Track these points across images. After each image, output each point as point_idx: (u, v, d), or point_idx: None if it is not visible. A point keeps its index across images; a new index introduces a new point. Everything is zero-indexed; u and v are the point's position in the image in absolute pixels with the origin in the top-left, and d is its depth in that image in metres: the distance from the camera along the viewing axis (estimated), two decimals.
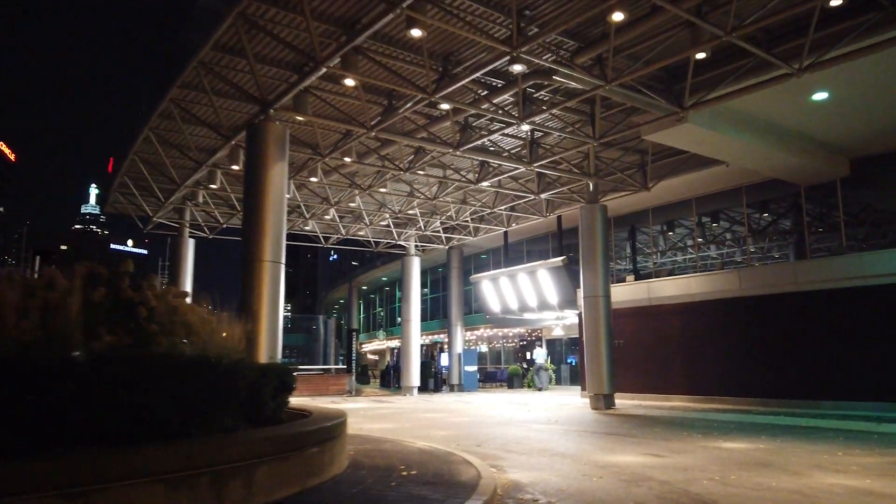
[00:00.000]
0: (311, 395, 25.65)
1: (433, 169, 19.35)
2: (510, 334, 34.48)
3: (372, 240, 27.56)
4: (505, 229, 25.20)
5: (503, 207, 22.62)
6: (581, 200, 19.75)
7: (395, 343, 43.47)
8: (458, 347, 29.79)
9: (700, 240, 21.92)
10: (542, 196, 20.28)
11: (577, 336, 28.44)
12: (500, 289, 26.25)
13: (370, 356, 57.68)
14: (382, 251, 29.14)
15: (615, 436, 11.89)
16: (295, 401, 8.54)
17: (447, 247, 28.29)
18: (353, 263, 47.31)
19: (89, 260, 6.58)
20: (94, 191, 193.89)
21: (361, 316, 52.44)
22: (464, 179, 18.93)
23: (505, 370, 33.83)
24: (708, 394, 19.06)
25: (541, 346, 31.49)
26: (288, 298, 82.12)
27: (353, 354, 43.98)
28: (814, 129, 15.86)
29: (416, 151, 17.60)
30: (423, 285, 39.61)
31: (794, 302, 17.30)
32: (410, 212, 23.40)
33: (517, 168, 17.78)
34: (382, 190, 20.03)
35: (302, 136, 16.47)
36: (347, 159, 17.08)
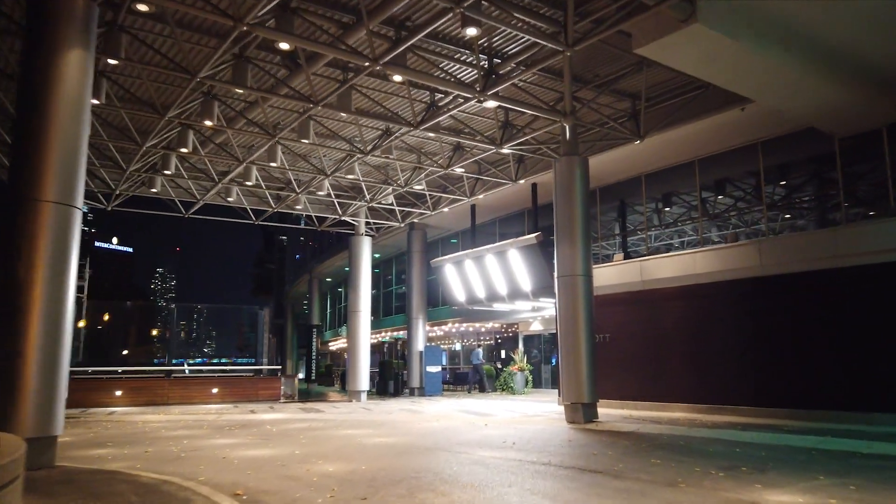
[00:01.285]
0: (235, 402, 21.32)
1: (368, 119, 15.12)
2: (483, 330, 30.22)
3: (314, 216, 23.21)
4: (469, 199, 20.91)
5: (462, 168, 18.34)
6: (555, 156, 15.50)
7: (373, 339, 39.17)
8: (420, 345, 25.49)
9: (704, 215, 17.70)
10: (506, 150, 16.05)
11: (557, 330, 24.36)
12: (465, 274, 21.98)
13: (345, 356, 53.30)
14: (328, 230, 24.80)
15: (592, 474, 7.62)
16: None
17: (403, 224, 23.97)
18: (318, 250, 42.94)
19: None
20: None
21: (328, 311, 48.02)
22: (406, 122, 14.60)
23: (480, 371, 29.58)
24: (718, 402, 14.87)
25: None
26: (264, 296, 77.77)
27: (314, 354, 39.81)
28: (867, 50, 11.65)
29: (341, 83, 13.32)
30: (388, 276, 35.33)
31: (834, 280, 13.12)
32: (350, 176, 19.05)
33: (469, 100, 13.49)
34: (305, 142, 15.69)
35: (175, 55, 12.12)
36: (239, 90, 12.74)
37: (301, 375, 41.21)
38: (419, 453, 9.64)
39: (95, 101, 12.17)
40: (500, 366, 27.15)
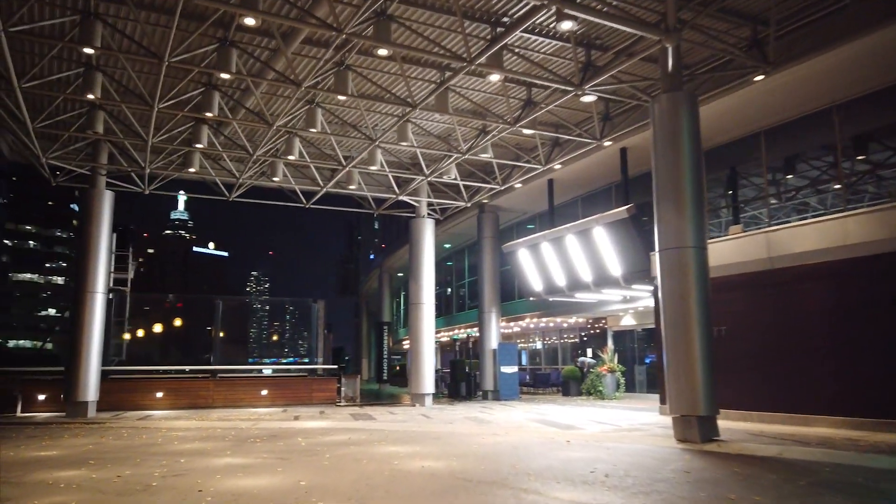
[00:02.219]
0: (286, 406, 19.12)
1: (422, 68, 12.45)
2: (565, 326, 26.84)
3: (370, 196, 20.69)
4: (544, 168, 17.67)
5: (533, 131, 15.21)
6: (645, 100, 12.17)
7: (444, 336, 36.69)
8: (493, 342, 22.52)
9: (845, 177, 13.76)
10: (589, 97, 12.86)
11: (655, 324, 20.76)
12: (542, 260, 18.83)
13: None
14: (387, 213, 22.23)
15: None
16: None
17: (469, 203, 20.98)
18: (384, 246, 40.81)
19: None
20: (181, 198, 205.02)
21: (401, 307, 45.82)
22: (462, 58, 11.68)
23: (560, 372, 26.29)
24: (880, 415, 11.07)
25: (602, 348, 23.79)
26: (350, 296, 76.83)
27: (385, 352, 37.56)
28: None
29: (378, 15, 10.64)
30: (460, 267, 32.54)
31: None
32: (404, 144, 16.34)
33: (541, 12, 10.43)
34: (342, 98, 13.07)
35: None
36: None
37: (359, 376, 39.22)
38: (468, 491, 6.72)
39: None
40: (579, 357, 23.74)
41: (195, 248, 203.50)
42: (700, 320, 10.51)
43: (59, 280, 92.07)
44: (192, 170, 17.58)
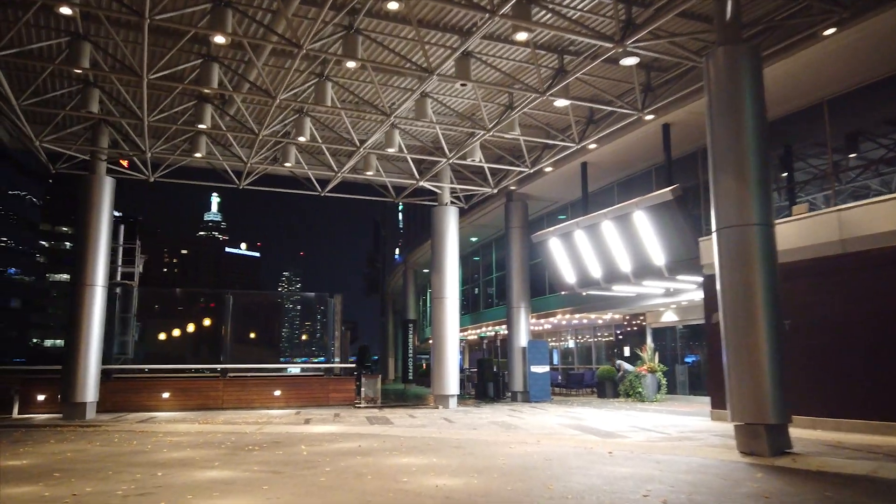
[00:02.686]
0: (300, 407, 17.87)
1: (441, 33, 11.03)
2: (599, 322, 25.14)
3: (388, 181, 19.30)
4: (577, 147, 16.05)
5: (566, 101, 13.64)
6: (695, 62, 10.57)
7: (471, 334, 35.27)
8: (522, 339, 20.98)
9: None
10: (629, 50, 11.27)
11: (699, 319, 18.99)
12: (575, 250, 17.25)
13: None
14: (408, 201, 20.83)
15: None
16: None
17: (496, 189, 19.45)
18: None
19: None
20: (215, 199, 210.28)
21: (428, 305, 44.46)
22: (485, 9, 10.21)
23: (594, 372, 24.64)
24: None
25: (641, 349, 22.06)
26: (376, 295, 75.78)
27: (410, 351, 36.25)
28: None
29: None
30: (487, 261, 31.04)
31: None
32: (421, 124, 14.93)
33: None
34: (352, 65, 11.71)
35: None
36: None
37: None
38: None
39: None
40: (621, 361, 22.03)
41: (228, 249, 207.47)
42: (768, 312, 8.88)
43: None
44: (198, 155, 16.45)
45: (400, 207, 46.84)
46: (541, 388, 20.38)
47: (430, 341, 42.00)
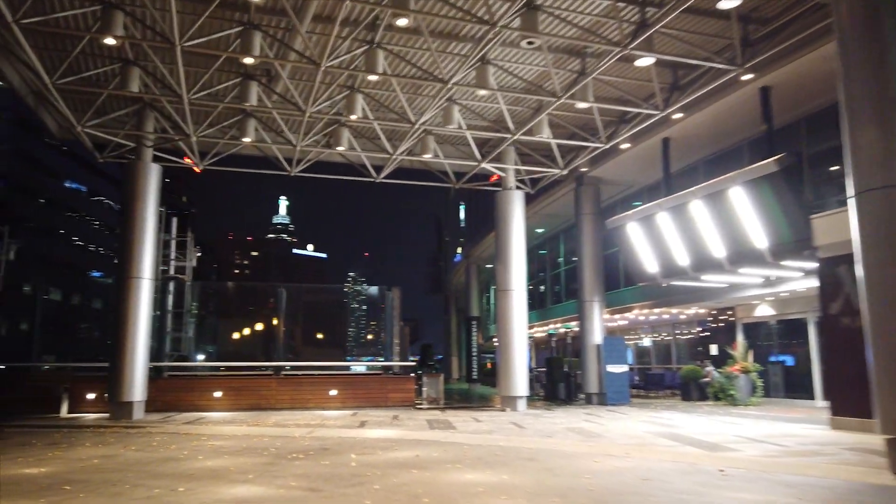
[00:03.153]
0: (357, 408, 16.69)
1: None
2: (682, 318, 22.96)
3: (447, 163, 17.89)
4: (661, 115, 14.12)
5: (650, 56, 11.82)
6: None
7: (538, 332, 33.56)
8: (596, 336, 19.16)
9: None
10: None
11: (799, 312, 16.81)
12: (657, 236, 15.37)
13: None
14: (468, 187, 19.34)
15: None
16: None
17: (566, 169, 17.68)
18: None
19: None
20: (283, 202, 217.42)
21: (491, 302, 42.89)
22: None
23: (678, 373, 22.53)
24: None
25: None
26: (438, 294, 74.87)
27: (474, 349, 34.78)
28: None
29: None
30: (555, 254, 29.23)
31: None
32: (483, 93, 13.41)
33: None
34: (402, 24, 10.32)
35: None
36: None
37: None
38: None
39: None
40: (709, 366, 19.86)
41: (296, 251, 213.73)
42: None
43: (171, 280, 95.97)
44: (246, 140, 15.49)
45: (462, 206, 45.45)
46: (618, 390, 18.51)
47: (495, 339, 40.47)
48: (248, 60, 11.89)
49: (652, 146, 16.81)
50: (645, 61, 12.15)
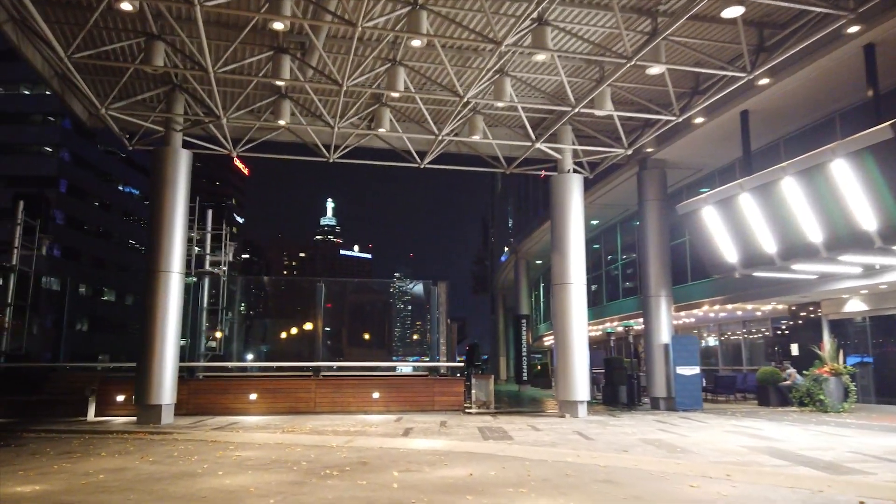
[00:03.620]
0: (401, 412, 15.39)
1: None
2: (758, 315, 20.87)
3: (496, 144, 16.42)
4: (749, 76, 12.24)
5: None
6: None
7: (594, 330, 31.72)
8: (663, 335, 17.37)
9: None
10: None
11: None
12: (739, 220, 13.52)
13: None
14: (521, 172, 17.79)
15: None
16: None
17: (629, 149, 15.94)
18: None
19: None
20: (330, 204, 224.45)
21: (541, 300, 41.18)
22: None
23: (750, 376, 20.52)
24: None
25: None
26: (484, 294, 73.36)
27: (524, 349, 33.19)
28: None
29: None
30: (611, 249, 27.39)
31: None
32: (541, 57, 11.89)
33: None
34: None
35: None
36: None
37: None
38: None
39: None
40: (789, 367, 17.81)
41: (342, 252, 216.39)
42: None
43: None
44: (281, 122, 14.37)
45: (509, 204, 43.83)
46: (689, 394, 16.70)
47: (545, 339, 38.71)
48: (279, 26, 10.68)
49: (728, 121, 14.99)
50: (733, 11, 10.41)
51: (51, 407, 14.18)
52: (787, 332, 19.87)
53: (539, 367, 34.98)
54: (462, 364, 17.38)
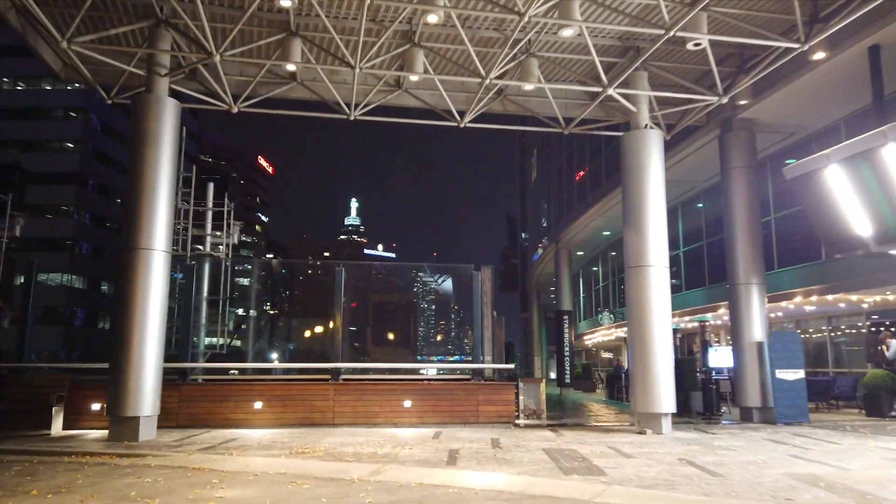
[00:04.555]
0: (441, 424, 12.54)
1: None
2: (864, 307, 17.50)
3: (555, 100, 13.48)
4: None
5: None
6: None
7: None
8: (756, 331, 14.23)
9: None
10: None
11: None
12: (876, 181, 10.39)
13: (603, 354, 43.26)
14: (582, 132, 14.78)
15: None
16: None
17: (724, 96, 12.69)
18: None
19: None
20: (354, 204, 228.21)
21: (580, 295, 38.04)
22: None
23: (840, 380, 17.31)
24: None
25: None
26: (511, 291, 70.33)
27: (566, 349, 30.11)
28: None
29: None
30: (672, 230, 24.18)
31: None
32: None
33: None
34: None
35: None
36: None
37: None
38: None
39: None
40: None
41: (366, 251, 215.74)
42: None
43: (244, 281, 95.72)
44: (290, 67, 11.67)
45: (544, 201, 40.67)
46: (792, 404, 13.55)
47: (585, 337, 35.60)
48: None
49: (851, 60, 11.84)
50: None
51: (9, 418, 11.55)
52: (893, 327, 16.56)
53: (579, 369, 31.92)
54: (512, 366, 14.40)
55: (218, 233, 14.74)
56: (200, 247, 14.39)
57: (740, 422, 14.04)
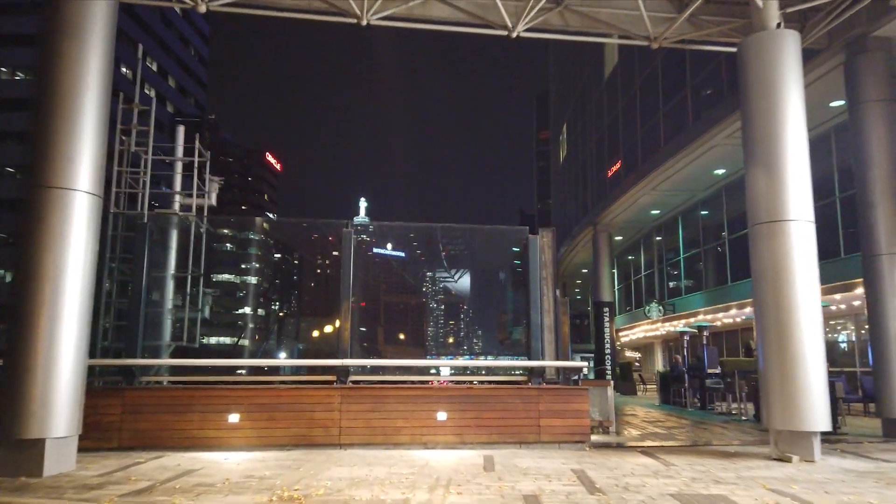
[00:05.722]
0: (487, 444, 8.98)
1: None
2: None
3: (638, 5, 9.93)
4: None
5: None
6: None
7: (687, 325, 25.08)
8: None
9: None
10: None
11: None
12: None
13: (627, 353, 39.67)
14: (672, 46, 11.18)
15: None
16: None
17: None
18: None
19: None
20: (363, 204, 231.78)
21: (615, 287, 34.38)
22: None
23: None
24: None
25: None
26: (525, 288, 66.62)
27: (607, 345, 26.53)
28: None
29: None
30: (733, 204, 20.54)
31: None
32: None
33: None
34: None
35: None
36: None
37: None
38: None
39: None
40: None
41: (375, 250, 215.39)
42: None
43: (253, 280, 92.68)
44: None
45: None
46: None
47: (625, 332, 31.98)
48: None
49: None
50: None
51: None
52: None
53: (617, 369, 28.35)
54: (584, 365, 10.84)
55: (189, 192, 11.30)
56: (160, 207, 10.98)
57: (885, 438, 10.45)
